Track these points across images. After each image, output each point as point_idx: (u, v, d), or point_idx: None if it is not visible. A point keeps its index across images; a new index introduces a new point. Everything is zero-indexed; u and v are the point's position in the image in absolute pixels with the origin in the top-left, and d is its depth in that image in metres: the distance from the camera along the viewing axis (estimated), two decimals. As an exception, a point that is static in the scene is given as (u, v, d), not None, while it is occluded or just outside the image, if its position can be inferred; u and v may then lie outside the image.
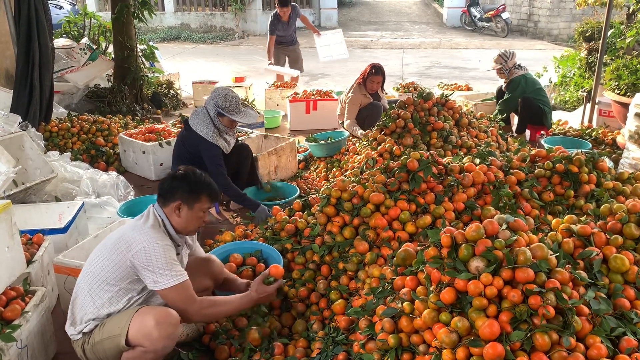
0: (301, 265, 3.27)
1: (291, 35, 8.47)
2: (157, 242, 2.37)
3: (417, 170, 3.27)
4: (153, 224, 2.45)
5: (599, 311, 2.14)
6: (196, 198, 2.48)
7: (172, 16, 18.50)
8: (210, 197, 2.53)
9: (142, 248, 2.34)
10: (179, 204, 2.47)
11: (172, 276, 2.37)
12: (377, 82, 5.77)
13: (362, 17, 21.42)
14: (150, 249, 2.34)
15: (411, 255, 2.63)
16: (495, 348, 1.98)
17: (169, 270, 2.36)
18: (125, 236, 2.42)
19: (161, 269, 2.35)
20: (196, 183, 2.49)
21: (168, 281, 2.35)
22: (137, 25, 7.50)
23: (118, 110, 7.08)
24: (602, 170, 3.58)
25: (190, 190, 2.47)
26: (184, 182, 2.48)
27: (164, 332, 2.29)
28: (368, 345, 2.42)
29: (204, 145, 4.11)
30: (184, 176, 2.50)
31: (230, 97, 4.10)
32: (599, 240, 2.52)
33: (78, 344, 2.44)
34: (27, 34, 5.27)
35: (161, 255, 2.35)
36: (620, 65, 6.32)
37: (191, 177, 2.50)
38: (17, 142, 4.38)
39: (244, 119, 4.15)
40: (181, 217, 2.49)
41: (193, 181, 2.49)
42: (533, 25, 17.49)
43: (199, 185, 2.50)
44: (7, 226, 2.54)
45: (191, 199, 2.47)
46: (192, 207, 2.48)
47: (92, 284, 2.40)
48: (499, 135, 5.25)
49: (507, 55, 6.02)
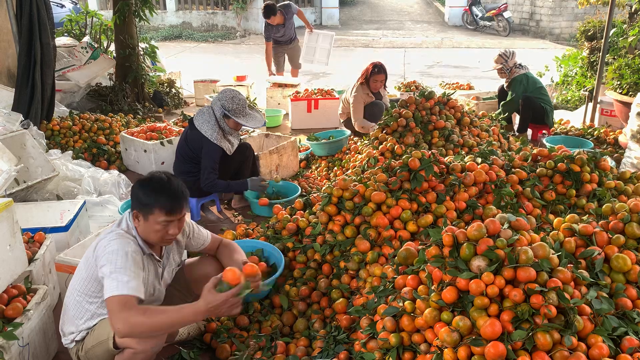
0: (302, 264, 3.28)
1: (289, 34, 8.40)
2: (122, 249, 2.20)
3: (418, 169, 3.27)
4: (120, 232, 2.30)
5: (600, 311, 2.14)
6: (149, 210, 2.25)
7: (173, 15, 18.49)
8: (165, 209, 2.23)
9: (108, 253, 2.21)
10: (136, 213, 2.29)
11: (122, 284, 2.12)
12: (380, 80, 5.76)
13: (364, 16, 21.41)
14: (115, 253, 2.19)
15: (412, 254, 2.63)
16: (497, 347, 1.97)
17: (120, 277, 2.13)
18: (95, 244, 2.32)
19: (115, 276, 2.13)
20: (150, 193, 2.24)
21: (116, 289, 2.11)
22: (138, 24, 7.50)
23: (119, 109, 7.09)
24: (604, 169, 3.58)
25: (143, 200, 2.25)
26: (140, 190, 2.26)
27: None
28: (369, 344, 2.42)
29: (206, 145, 4.11)
30: (141, 183, 2.29)
31: (238, 100, 4.10)
32: (601, 240, 2.52)
33: (73, 352, 2.42)
34: (29, 33, 5.27)
35: (116, 259, 2.17)
36: (622, 65, 6.30)
37: (147, 186, 2.27)
38: (18, 140, 4.38)
39: (250, 122, 4.15)
40: (139, 226, 2.31)
41: (148, 190, 2.25)
42: (535, 24, 17.46)
43: (153, 195, 2.23)
44: (8, 224, 2.54)
45: (145, 209, 2.26)
46: (146, 218, 2.27)
47: (77, 296, 2.36)
48: (501, 134, 5.25)
49: (507, 55, 6.01)
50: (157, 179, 2.30)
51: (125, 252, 2.20)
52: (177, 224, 2.32)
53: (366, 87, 5.78)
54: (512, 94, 5.97)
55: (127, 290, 2.11)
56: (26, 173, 4.25)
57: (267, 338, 2.81)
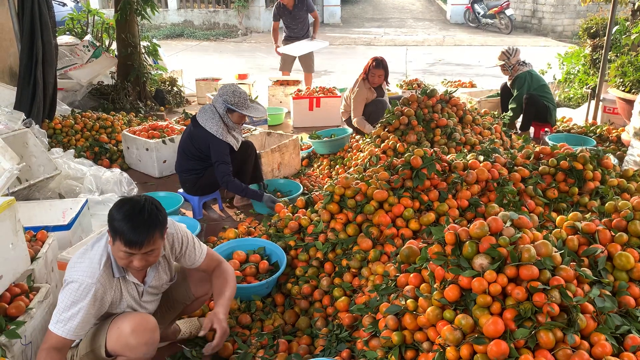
0: (304, 262, 3.27)
1: (301, 30, 7.95)
2: (78, 281, 2.15)
3: (420, 167, 3.26)
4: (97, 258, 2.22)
5: (603, 309, 2.13)
6: (113, 235, 2.15)
7: (175, 13, 18.49)
8: (124, 241, 2.11)
9: (65, 280, 2.20)
10: (109, 232, 2.19)
11: (61, 323, 2.14)
12: (379, 75, 5.71)
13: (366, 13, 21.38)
14: (70, 285, 2.16)
15: (415, 252, 2.62)
16: (500, 345, 1.97)
17: (64, 315, 2.14)
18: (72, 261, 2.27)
19: (60, 311, 2.15)
20: (118, 218, 2.12)
21: (54, 325, 2.15)
22: (140, 22, 7.50)
23: (121, 108, 7.09)
24: (607, 167, 3.57)
25: (110, 223, 2.15)
26: (113, 210, 2.16)
27: (142, 339, 2.22)
28: (371, 343, 2.42)
29: (213, 142, 4.12)
30: (117, 205, 2.17)
31: (239, 93, 4.11)
32: (604, 238, 2.51)
33: (67, 356, 2.40)
34: (31, 31, 5.27)
35: (70, 293, 2.15)
36: (625, 62, 6.28)
37: (116, 211, 2.14)
38: (20, 139, 4.39)
39: (254, 113, 4.17)
40: (112, 248, 2.21)
41: (115, 216, 2.13)
42: (537, 21, 17.42)
43: (119, 222, 2.11)
44: (11, 223, 2.54)
45: (111, 233, 2.16)
46: (113, 242, 2.17)
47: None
48: (503, 132, 5.24)
49: (510, 52, 6.00)
50: (129, 206, 2.13)
51: (81, 285, 2.16)
52: (140, 257, 2.17)
53: (368, 83, 5.75)
54: (516, 92, 5.96)
55: (59, 330, 2.14)
56: (28, 172, 4.25)
57: (269, 336, 2.81)
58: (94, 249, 2.26)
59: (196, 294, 2.72)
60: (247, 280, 3.22)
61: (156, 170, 5.26)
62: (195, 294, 2.72)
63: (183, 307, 2.77)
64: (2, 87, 5.73)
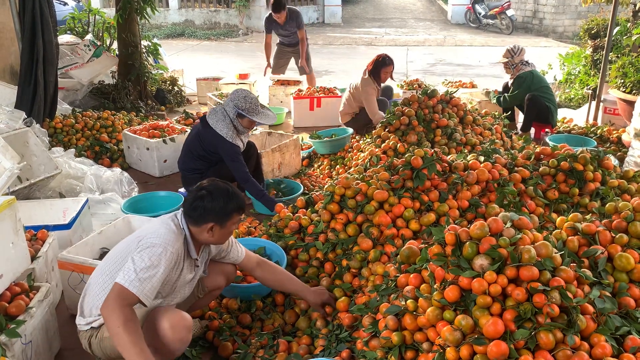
0: (304, 263, 3.27)
1: (293, 39, 7.94)
2: (162, 246, 2.27)
3: (421, 167, 3.26)
4: (175, 228, 2.39)
5: (603, 310, 2.13)
6: (228, 217, 2.43)
7: (176, 13, 18.49)
8: (240, 211, 2.48)
9: (147, 243, 2.27)
10: (212, 226, 2.42)
11: (138, 281, 2.18)
12: (390, 72, 5.79)
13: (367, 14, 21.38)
14: (153, 248, 2.25)
15: (415, 252, 2.62)
16: (499, 346, 1.97)
17: (141, 274, 2.19)
18: (142, 231, 2.43)
19: (138, 269, 2.20)
20: (226, 202, 2.41)
21: (129, 282, 2.17)
22: (140, 21, 7.50)
23: (122, 107, 7.09)
24: (607, 168, 3.57)
25: (221, 211, 2.41)
26: (214, 203, 2.40)
27: (178, 336, 2.27)
28: (371, 343, 2.42)
29: (223, 145, 4.14)
30: (213, 196, 2.41)
31: (250, 99, 4.13)
32: (604, 239, 2.51)
33: (85, 336, 2.42)
34: (32, 30, 5.27)
35: (150, 255, 2.23)
36: (625, 63, 6.28)
37: (220, 197, 2.41)
38: (21, 138, 4.39)
39: (264, 119, 4.19)
40: (214, 236, 2.45)
41: (223, 202, 2.41)
42: (538, 22, 17.41)
43: (229, 203, 2.42)
44: (11, 222, 2.54)
45: (223, 218, 2.42)
46: (224, 225, 2.44)
47: (105, 279, 2.38)
48: (504, 133, 5.24)
49: (514, 51, 5.98)
50: (223, 188, 2.45)
51: (165, 249, 2.27)
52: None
53: (373, 80, 5.76)
54: (515, 90, 5.94)
55: (135, 289, 2.17)
56: (29, 171, 4.25)
57: (269, 336, 2.81)
58: (169, 226, 2.38)
59: (209, 287, 2.80)
60: (248, 280, 3.22)
61: (157, 170, 5.26)
62: (209, 286, 2.80)
63: (194, 301, 2.81)
64: (3, 86, 5.73)
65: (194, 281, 2.62)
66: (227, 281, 2.90)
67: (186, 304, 2.78)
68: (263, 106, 4.33)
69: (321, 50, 14.48)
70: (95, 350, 2.41)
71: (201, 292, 2.79)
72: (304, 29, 7.86)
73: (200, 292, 2.78)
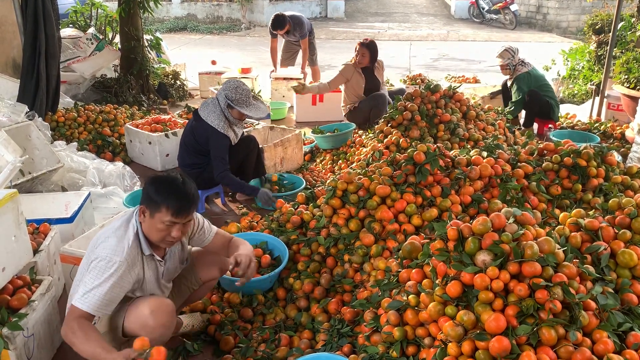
0: (306, 257, 3.27)
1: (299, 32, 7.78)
2: (107, 257, 2.22)
3: (423, 162, 3.25)
4: (124, 230, 2.32)
5: (606, 306, 2.13)
6: (156, 206, 2.27)
7: (178, 7, 18.45)
8: (172, 210, 2.25)
9: (95, 257, 2.25)
10: (143, 208, 2.31)
11: (84, 298, 2.18)
12: (362, 54, 5.77)
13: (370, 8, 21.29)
14: (99, 261, 2.22)
15: (417, 248, 2.62)
16: (501, 342, 1.97)
17: (88, 291, 2.19)
18: (96, 239, 2.36)
19: (86, 289, 2.19)
20: (161, 190, 2.26)
21: (77, 300, 2.18)
22: (143, 15, 7.48)
23: (124, 101, 7.08)
24: (611, 164, 3.55)
25: (152, 196, 2.27)
26: (152, 185, 2.29)
27: (160, 321, 2.28)
28: (373, 338, 2.42)
29: (214, 135, 4.12)
30: (154, 180, 2.31)
31: (241, 90, 4.10)
32: (607, 235, 2.50)
33: None
34: (34, 24, 5.26)
35: (99, 270, 2.21)
36: (630, 59, 6.25)
37: (159, 183, 2.29)
38: (23, 131, 4.39)
39: (254, 112, 4.14)
40: (144, 223, 2.33)
41: (159, 187, 2.27)
42: (542, 17, 17.32)
43: (164, 193, 2.26)
44: (13, 215, 2.54)
45: (152, 205, 2.28)
46: (152, 215, 2.28)
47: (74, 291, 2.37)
48: (507, 128, 5.22)
49: (513, 51, 5.95)
50: (172, 178, 2.31)
51: (113, 261, 2.22)
52: (181, 227, 2.32)
53: (357, 64, 5.80)
54: (517, 93, 5.88)
55: (81, 305, 2.17)
56: (31, 164, 4.26)
57: (270, 331, 2.81)
58: (120, 228, 2.33)
59: (203, 279, 2.78)
60: (249, 275, 3.22)
61: (159, 164, 5.26)
62: (203, 278, 2.77)
63: (190, 294, 2.80)
64: (5, 79, 5.73)
65: (168, 276, 2.55)
66: (221, 271, 2.86)
67: (181, 298, 2.78)
68: (256, 99, 4.30)
69: (324, 45, 14.44)
70: None
71: (195, 284, 2.77)
72: (308, 38, 7.81)
73: (194, 284, 2.76)
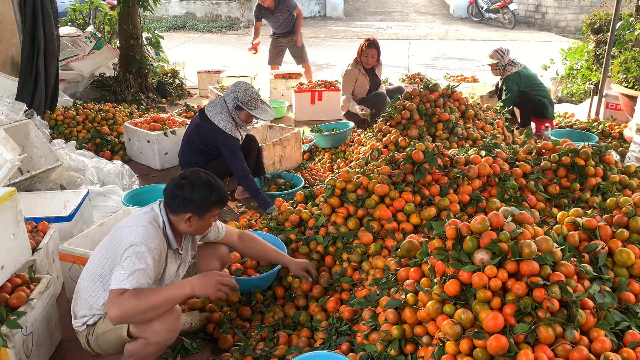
0: (305, 256, 3.27)
1: (285, 27, 7.82)
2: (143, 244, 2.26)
3: (422, 161, 3.26)
4: (152, 222, 2.36)
5: (603, 305, 2.13)
6: (207, 209, 2.41)
7: (177, 5, 18.43)
8: (220, 204, 2.46)
9: (128, 244, 2.26)
10: (190, 217, 2.40)
11: (132, 278, 2.18)
12: (372, 55, 5.70)
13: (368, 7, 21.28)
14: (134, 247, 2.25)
15: (415, 246, 2.62)
16: (499, 340, 1.98)
17: (133, 273, 2.19)
18: (119, 230, 2.38)
19: (128, 271, 2.19)
20: (207, 194, 2.39)
21: (123, 282, 2.18)
22: (142, 14, 7.48)
23: (123, 99, 7.08)
24: (609, 163, 3.56)
25: (201, 203, 2.38)
26: (194, 194, 2.37)
27: (166, 325, 2.28)
28: (371, 336, 2.43)
29: (222, 137, 4.13)
30: (193, 187, 2.38)
31: (251, 92, 4.11)
32: (605, 234, 2.51)
33: (82, 335, 2.45)
34: (33, 22, 5.26)
35: (135, 253, 2.23)
36: (628, 58, 6.26)
37: (200, 188, 2.38)
38: (22, 130, 4.38)
39: (262, 115, 4.18)
40: (191, 226, 2.43)
41: (203, 193, 2.38)
42: (540, 16, 17.33)
43: (210, 195, 2.40)
44: (12, 214, 2.54)
45: (202, 210, 2.40)
46: (203, 217, 2.42)
47: (93, 281, 2.39)
48: (505, 128, 5.22)
49: (503, 51, 5.94)
50: (205, 179, 2.42)
51: (147, 247, 2.26)
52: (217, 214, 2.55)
53: (360, 66, 5.76)
54: (506, 92, 5.89)
55: (127, 286, 2.16)
56: (30, 163, 4.25)
57: (269, 329, 2.82)
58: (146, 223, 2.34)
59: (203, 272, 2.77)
60: (248, 273, 3.23)
61: (157, 163, 5.26)
62: (202, 271, 2.77)
63: None
64: (3, 77, 5.72)
65: (182, 269, 2.61)
66: (222, 265, 2.90)
67: None
68: (263, 102, 4.32)
69: (323, 44, 14.45)
70: (93, 347, 2.43)
71: None
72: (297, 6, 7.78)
73: None
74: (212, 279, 2.31)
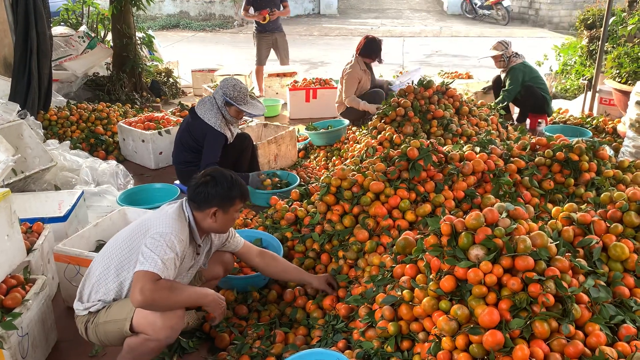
0: (301, 254, 3.28)
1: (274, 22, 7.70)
2: (173, 234, 2.33)
3: (417, 158, 3.26)
4: (179, 216, 2.45)
5: (598, 299, 2.15)
6: (231, 203, 2.50)
7: (171, 4, 18.36)
8: (242, 199, 2.55)
9: (157, 232, 2.32)
10: (215, 211, 2.47)
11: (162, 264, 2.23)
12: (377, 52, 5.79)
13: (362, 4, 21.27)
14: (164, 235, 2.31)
15: (411, 243, 2.63)
16: (495, 336, 1.99)
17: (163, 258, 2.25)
18: (146, 221, 2.44)
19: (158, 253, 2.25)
20: (230, 188, 2.49)
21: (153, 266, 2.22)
22: (135, 13, 7.45)
23: (117, 99, 7.06)
24: (603, 158, 3.57)
25: (225, 197, 2.48)
26: (218, 188, 2.47)
27: (168, 322, 2.28)
28: (368, 333, 2.43)
29: (210, 133, 4.12)
30: (217, 182, 2.48)
31: (239, 88, 4.11)
32: (599, 229, 2.52)
33: (81, 321, 2.44)
34: (25, 22, 5.23)
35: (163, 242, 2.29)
36: (621, 53, 6.28)
37: (224, 183, 2.49)
38: (15, 130, 4.36)
39: (251, 110, 4.17)
40: (217, 222, 2.50)
41: (227, 187, 2.49)
42: (534, 13, 17.37)
43: (233, 190, 2.50)
44: (6, 215, 2.53)
45: (227, 204, 2.49)
46: (227, 211, 2.50)
47: (107, 266, 2.41)
48: (500, 124, 5.24)
49: (507, 43, 5.98)
50: (227, 175, 2.52)
51: (177, 238, 2.33)
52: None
53: (362, 63, 5.77)
54: (510, 83, 5.91)
55: (158, 270, 2.22)
56: (24, 163, 4.23)
57: (266, 327, 2.82)
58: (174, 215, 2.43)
59: (207, 277, 2.84)
60: (244, 272, 3.23)
61: (152, 162, 5.24)
62: (207, 276, 2.84)
63: None
64: (-4, 78, 5.70)
65: (193, 270, 2.64)
66: (225, 271, 2.92)
67: None
68: (253, 97, 4.32)
69: (317, 42, 14.43)
70: (90, 335, 2.42)
71: (198, 281, 2.80)
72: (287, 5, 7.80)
73: (197, 281, 2.79)
74: (222, 305, 2.51)
